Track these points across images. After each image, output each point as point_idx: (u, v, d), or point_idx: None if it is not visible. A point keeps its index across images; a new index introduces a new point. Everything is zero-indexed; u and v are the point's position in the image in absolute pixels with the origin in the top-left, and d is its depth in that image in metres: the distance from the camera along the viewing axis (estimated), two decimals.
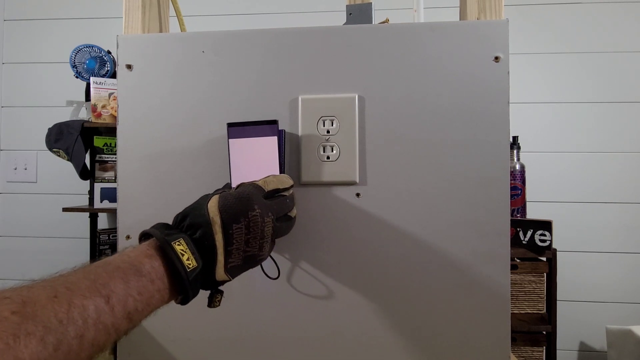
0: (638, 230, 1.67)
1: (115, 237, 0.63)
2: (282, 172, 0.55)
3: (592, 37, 1.70)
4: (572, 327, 1.69)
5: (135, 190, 0.61)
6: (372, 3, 0.67)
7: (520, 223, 1.35)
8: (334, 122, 0.58)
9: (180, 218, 0.44)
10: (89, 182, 1.60)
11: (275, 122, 0.55)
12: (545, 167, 1.70)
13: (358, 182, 0.58)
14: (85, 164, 1.57)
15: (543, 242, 1.30)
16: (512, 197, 1.37)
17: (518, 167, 1.46)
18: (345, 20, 0.67)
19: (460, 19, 0.66)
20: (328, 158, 0.58)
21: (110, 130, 1.60)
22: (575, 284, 1.69)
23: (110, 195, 1.59)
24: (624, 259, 1.68)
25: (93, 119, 1.54)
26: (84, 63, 1.60)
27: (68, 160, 1.56)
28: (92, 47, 1.60)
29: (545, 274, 1.42)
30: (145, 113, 0.61)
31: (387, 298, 0.58)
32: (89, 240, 1.68)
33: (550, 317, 1.39)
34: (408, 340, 0.58)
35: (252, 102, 0.60)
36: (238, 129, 0.55)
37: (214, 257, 0.42)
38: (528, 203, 1.50)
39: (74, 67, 1.60)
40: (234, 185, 0.50)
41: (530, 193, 1.57)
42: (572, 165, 1.70)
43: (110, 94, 1.55)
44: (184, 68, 0.60)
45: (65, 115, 1.65)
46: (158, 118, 0.61)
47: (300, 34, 0.59)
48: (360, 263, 0.59)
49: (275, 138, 0.54)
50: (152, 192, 0.61)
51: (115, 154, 0.96)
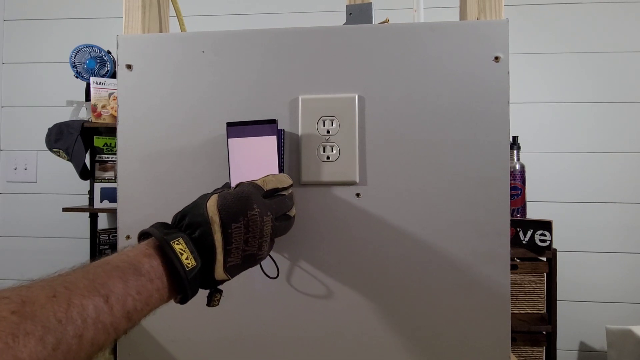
0: (638, 230, 1.67)
1: (115, 237, 0.63)
2: (281, 171, 0.55)
3: (592, 37, 1.70)
4: (572, 327, 1.69)
5: (135, 190, 0.61)
6: (372, 3, 0.67)
7: (520, 223, 1.35)
8: (334, 122, 0.58)
9: (179, 217, 0.44)
10: (89, 182, 1.60)
11: (275, 121, 0.55)
12: (545, 167, 1.70)
13: (358, 182, 0.58)
14: (85, 164, 1.57)
15: (543, 242, 1.30)
16: (512, 197, 1.37)
17: (518, 167, 1.46)
18: (345, 20, 0.67)
19: (460, 19, 0.66)
20: (328, 158, 0.58)
21: (110, 130, 1.60)
22: (575, 284, 1.69)
23: (110, 195, 1.59)
24: (624, 259, 1.68)
25: (93, 119, 1.54)
26: (84, 63, 1.60)
27: (68, 160, 1.56)
28: (92, 47, 1.60)
29: (545, 274, 1.42)
30: (145, 113, 0.61)
31: (387, 298, 0.58)
32: (89, 240, 1.68)
33: (550, 317, 1.39)
34: (408, 340, 0.58)
35: (252, 102, 0.60)
36: (237, 129, 0.55)
37: (213, 256, 0.42)
38: (528, 203, 1.50)
39: (74, 67, 1.60)
40: (233, 185, 0.50)
41: (530, 193, 1.57)
42: (572, 165, 1.70)
43: (110, 94, 1.55)
44: (184, 68, 0.60)
45: (65, 115, 1.65)
46: (158, 118, 0.61)
47: (300, 34, 0.59)
48: (360, 263, 0.59)
49: (274, 137, 0.54)
50: (152, 192, 0.61)
51: (115, 154, 0.96)
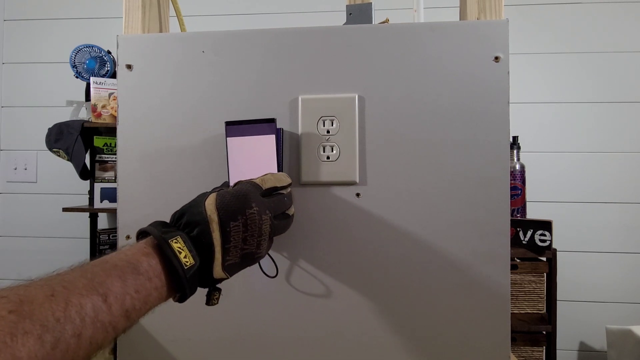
0: (638, 230, 1.67)
1: (115, 237, 0.63)
2: (280, 170, 0.55)
3: (592, 37, 1.70)
4: (572, 327, 1.69)
5: (135, 190, 0.61)
6: (372, 3, 0.67)
7: (520, 223, 1.35)
8: (334, 122, 0.58)
9: (178, 216, 0.44)
10: (89, 182, 1.60)
11: (273, 120, 0.55)
12: (545, 167, 1.70)
13: (358, 182, 0.58)
14: (85, 164, 1.57)
15: (543, 242, 1.30)
16: (512, 197, 1.37)
17: (518, 167, 1.46)
18: (345, 20, 0.67)
19: (460, 19, 0.66)
20: (328, 158, 0.58)
21: (110, 130, 1.60)
22: (575, 284, 1.69)
23: (110, 195, 1.59)
24: (624, 259, 1.68)
25: (93, 119, 1.54)
26: (84, 63, 1.60)
27: (68, 160, 1.56)
28: (92, 47, 1.60)
29: (545, 274, 1.42)
30: (145, 113, 0.61)
31: (387, 298, 0.58)
32: (89, 240, 1.68)
33: (550, 317, 1.39)
34: (408, 340, 0.58)
35: (252, 102, 0.60)
36: (236, 128, 0.55)
37: (212, 254, 0.42)
38: (528, 203, 1.50)
39: (74, 67, 1.60)
40: (232, 184, 0.50)
41: (530, 193, 1.57)
42: (572, 165, 1.70)
43: (110, 94, 1.55)
44: (184, 68, 0.60)
45: (65, 115, 1.65)
46: (158, 118, 0.61)
47: (300, 34, 0.59)
48: (360, 263, 0.58)
49: (273, 136, 0.54)
50: (152, 191, 0.61)
51: (115, 154, 0.96)
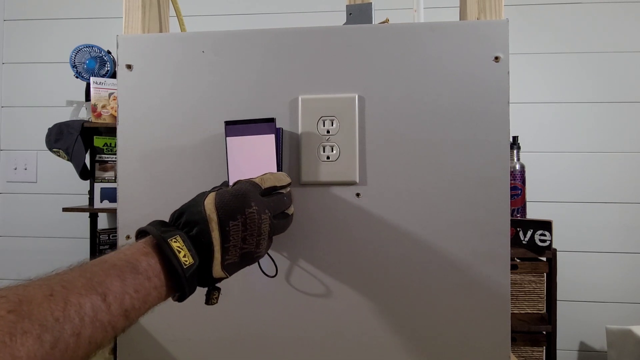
0: (638, 230, 1.67)
1: (115, 237, 0.63)
2: (279, 170, 0.55)
3: (592, 37, 1.70)
4: (572, 327, 1.69)
5: (135, 190, 0.61)
6: (372, 3, 0.67)
7: (520, 223, 1.35)
8: (334, 122, 0.58)
9: (177, 215, 0.44)
10: (89, 182, 1.60)
11: (273, 120, 0.55)
12: (545, 167, 1.70)
13: (358, 182, 0.58)
14: (85, 164, 1.57)
15: (543, 242, 1.30)
16: (512, 197, 1.37)
17: (518, 167, 1.46)
18: (345, 20, 0.67)
19: (460, 19, 0.66)
20: (328, 158, 0.58)
21: (110, 130, 1.60)
22: (575, 284, 1.69)
23: (110, 195, 1.59)
24: (624, 259, 1.68)
25: (93, 119, 1.54)
26: (84, 63, 1.60)
27: (68, 160, 1.56)
28: (92, 47, 1.60)
29: (545, 274, 1.42)
30: (145, 113, 0.61)
31: (387, 298, 0.58)
32: (89, 240, 1.68)
33: (550, 317, 1.39)
34: (408, 340, 0.58)
35: (252, 102, 0.60)
36: (235, 127, 0.55)
37: (211, 254, 0.42)
38: (528, 203, 1.50)
39: (74, 67, 1.60)
40: (231, 183, 0.50)
41: (530, 193, 1.57)
42: (572, 165, 1.70)
43: (110, 94, 1.55)
44: (184, 68, 0.60)
45: (65, 115, 1.65)
46: (158, 118, 0.61)
47: (300, 34, 0.59)
48: (360, 263, 0.58)
49: (273, 136, 0.54)
50: (152, 191, 0.61)
51: (115, 154, 0.96)
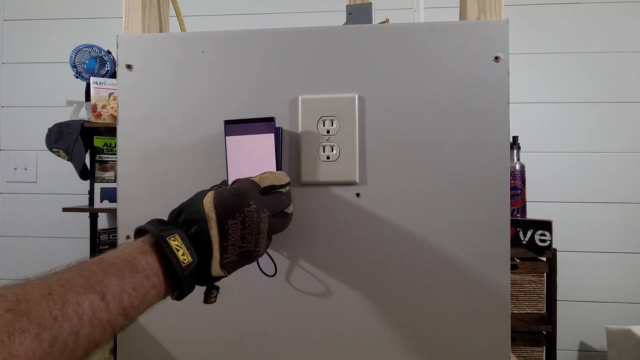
0: (638, 230, 1.67)
1: (115, 237, 0.63)
2: (279, 169, 0.55)
3: (592, 37, 1.70)
4: (572, 327, 1.69)
5: (135, 190, 0.61)
6: (372, 3, 0.67)
7: (520, 223, 1.35)
8: (334, 122, 0.58)
9: (176, 214, 0.44)
10: (89, 182, 1.60)
11: (272, 119, 0.55)
12: (545, 167, 1.70)
13: (358, 182, 0.58)
14: (85, 164, 1.57)
15: (543, 242, 1.30)
16: (512, 197, 1.37)
17: (518, 167, 1.46)
18: (345, 20, 0.67)
19: (460, 19, 0.66)
20: (328, 158, 0.58)
21: (110, 130, 1.60)
22: (575, 284, 1.69)
23: (110, 195, 1.59)
24: (624, 259, 1.68)
25: (93, 119, 1.54)
26: (84, 63, 1.60)
27: (68, 160, 1.56)
28: (92, 47, 1.60)
29: (545, 274, 1.42)
30: (145, 113, 0.61)
31: (387, 298, 0.58)
32: (89, 240, 1.68)
33: (550, 317, 1.39)
34: (408, 340, 0.58)
35: (252, 102, 0.60)
36: (235, 126, 0.55)
37: (210, 252, 0.42)
38: (528, 203, 1.50)
39: (74, 67, 1.60)
40: (231, 182, 0.50)
41: (530, 193, 1.57)
42: (572, 165, 1.70)
43: (110, 94, 1.55)
44: (184, 68, 0.60)
45: (65, 115, 1.65)
46: (158, 118, 0.61)
47: (300, 34, 0.59)
48: (360, 263, 0.58)
49: (272, 135, 0.54)
50: (152, 191, 0.61)
51: (115, 154, 0.96)
